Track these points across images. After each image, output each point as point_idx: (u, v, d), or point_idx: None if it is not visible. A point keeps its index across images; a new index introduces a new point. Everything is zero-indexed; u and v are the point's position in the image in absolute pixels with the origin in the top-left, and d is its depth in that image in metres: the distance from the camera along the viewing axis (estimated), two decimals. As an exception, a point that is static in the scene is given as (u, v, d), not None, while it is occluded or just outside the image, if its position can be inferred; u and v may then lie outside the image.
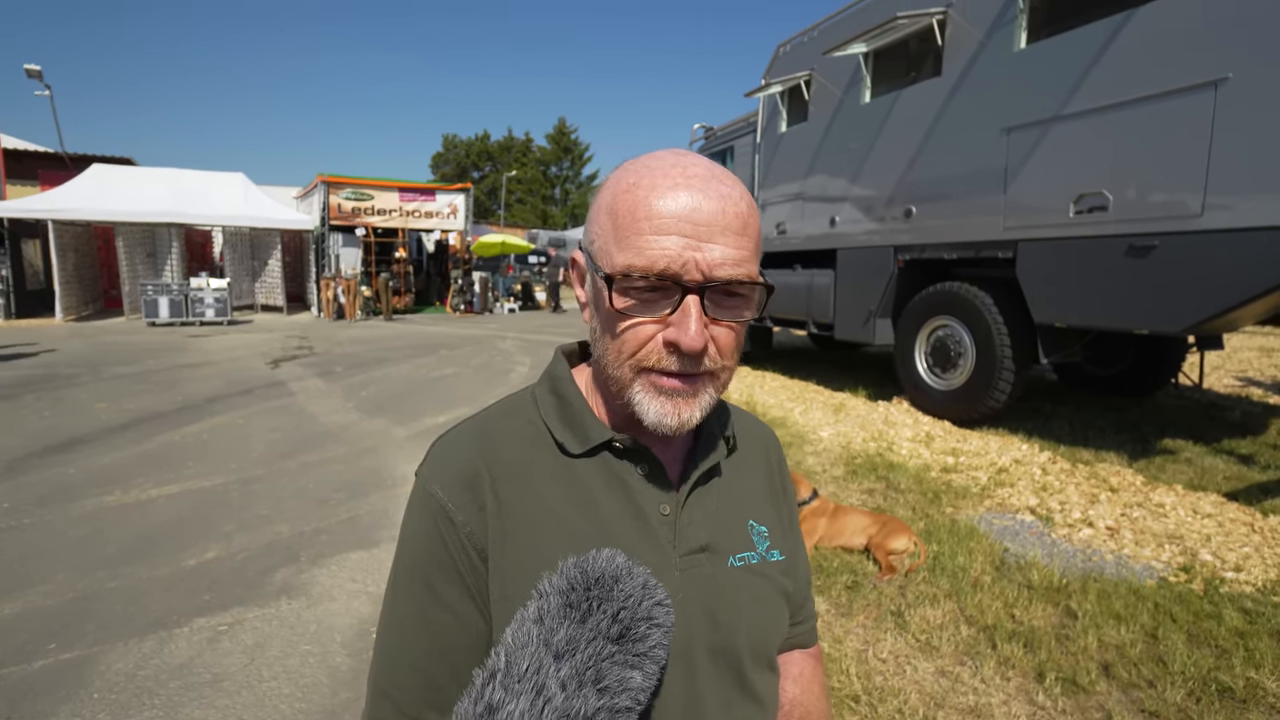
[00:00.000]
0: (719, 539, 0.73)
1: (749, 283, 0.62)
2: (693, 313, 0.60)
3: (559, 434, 0.71)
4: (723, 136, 9.33)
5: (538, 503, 0.67)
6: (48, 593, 2.83)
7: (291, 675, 2.30)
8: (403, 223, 18.02)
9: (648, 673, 0.53)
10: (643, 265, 0.60)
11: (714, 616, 0.69)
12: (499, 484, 0.67)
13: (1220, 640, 2.34)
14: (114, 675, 2.28)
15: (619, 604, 0.52)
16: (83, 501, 3.88)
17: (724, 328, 0.63)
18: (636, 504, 0.69)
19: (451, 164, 52.17)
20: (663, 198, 0.60)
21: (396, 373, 8.50)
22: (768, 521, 0.79)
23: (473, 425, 0.73)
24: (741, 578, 0.73)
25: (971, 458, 4.60)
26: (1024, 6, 4.78)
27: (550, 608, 0.52)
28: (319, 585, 2.94)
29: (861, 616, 2.61)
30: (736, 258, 0.61)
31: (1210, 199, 3.69)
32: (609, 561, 0.55)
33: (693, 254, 0.59)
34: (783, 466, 0.88)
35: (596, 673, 0.50)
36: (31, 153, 17.91)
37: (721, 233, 0.60)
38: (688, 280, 0.60)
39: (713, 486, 0.75)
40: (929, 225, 5.66)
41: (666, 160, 0.63)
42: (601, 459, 0.70)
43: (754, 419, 0.90)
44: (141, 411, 6.12)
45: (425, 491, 0.68)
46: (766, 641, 0.74)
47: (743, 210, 0.62)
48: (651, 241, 0.60)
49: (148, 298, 13.96)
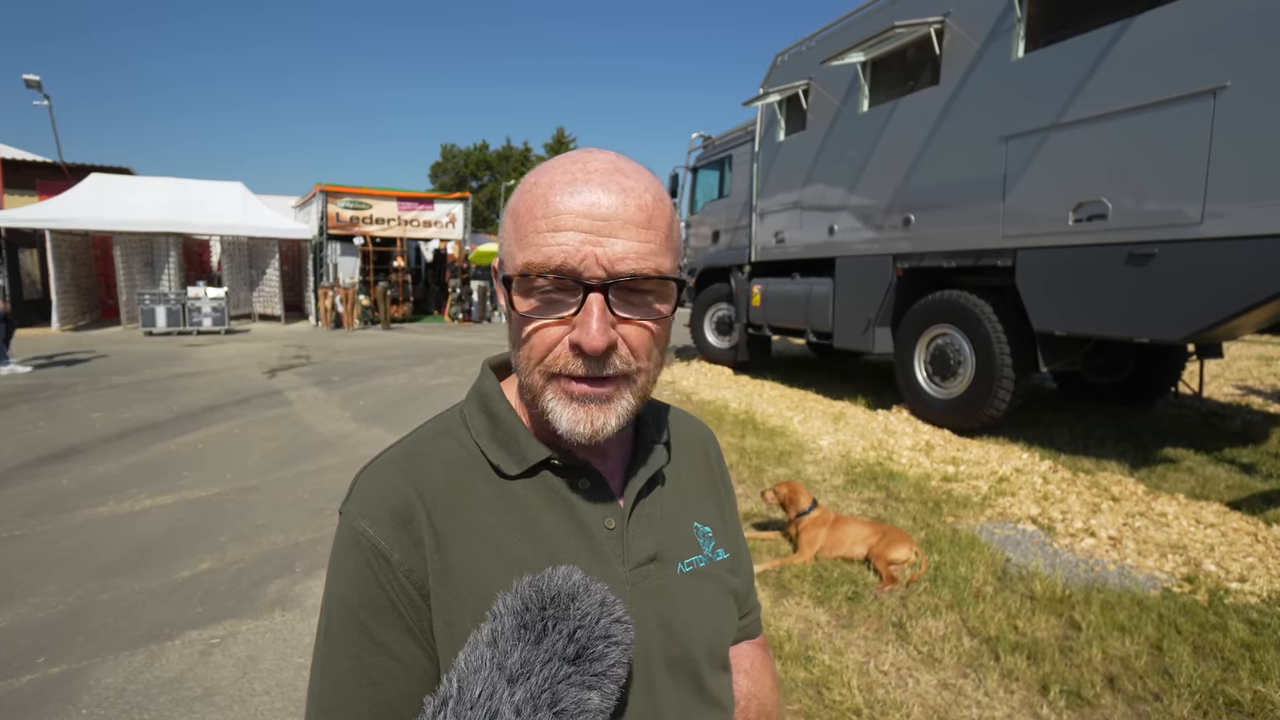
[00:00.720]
0: (666, 546, 0.71)
1: (656, 278, 0.59)
2: (594, 311, 0.57)
3: (493, 455, 0.67)
4: (721, 145, 9.35)
5: (477, 531, 0.64)
6: (38, 605, 2.79)
7: (284, 689, 2.27)
8: (401, 232, 18.02)
9: (606, 693, 0.51)
10: (539, 263, 0.57)
11: (669, 627, 0.68)
12: (434, 515, 0.63)
13: (1226, 652, 2.31)
14: (103, 690, 2.24)
15: (575, 623, 0.51)
16: (76, 512, 3.84)
17: (634, 326, 0.60)
18: (580, 521, 0.67)
19: (450, 173, 52.27)
20: (560, 194, 0.58)
21: (394, 382, 8.47)
22: (711, 521, 0.79)
23: (399, 452, 0.68)
24: (692, 583, 0.72)
25: (972, 467, 4.58)
26: (1021, 15, 4.79)
27: (504, 629, 0.50)
28: (313, 597, 2.91)
29: (863, 628, 2.58)
30: (640, 251, 0.58)
31: (1210, 207, 3.68)
32: (565, 579, 0.53)
33: (592, 249, 0.56)
34: (721, 463, 0.88)
35: (552, 695, 0.48)
36: (30, 162, 17.89)
37: (623, 226, 0.57)
38: (588, 277, 0.57)
39: (656, 494, 0.73)
40: (928, 233, 5.66)
41: (569, 157, 0.61)
42: (540, 478, 0.67)
43: (690, 417, 0.87)
44: (137, 421, 6.09)
45: (354, 530, 0.62)
46: (721, 645, 0.74)
47: (647, 202, 0.59)
48: (549, 239, 0.57)
49: (145, 307, 13.93)
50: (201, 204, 15.53)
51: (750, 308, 8.25)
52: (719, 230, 9.25)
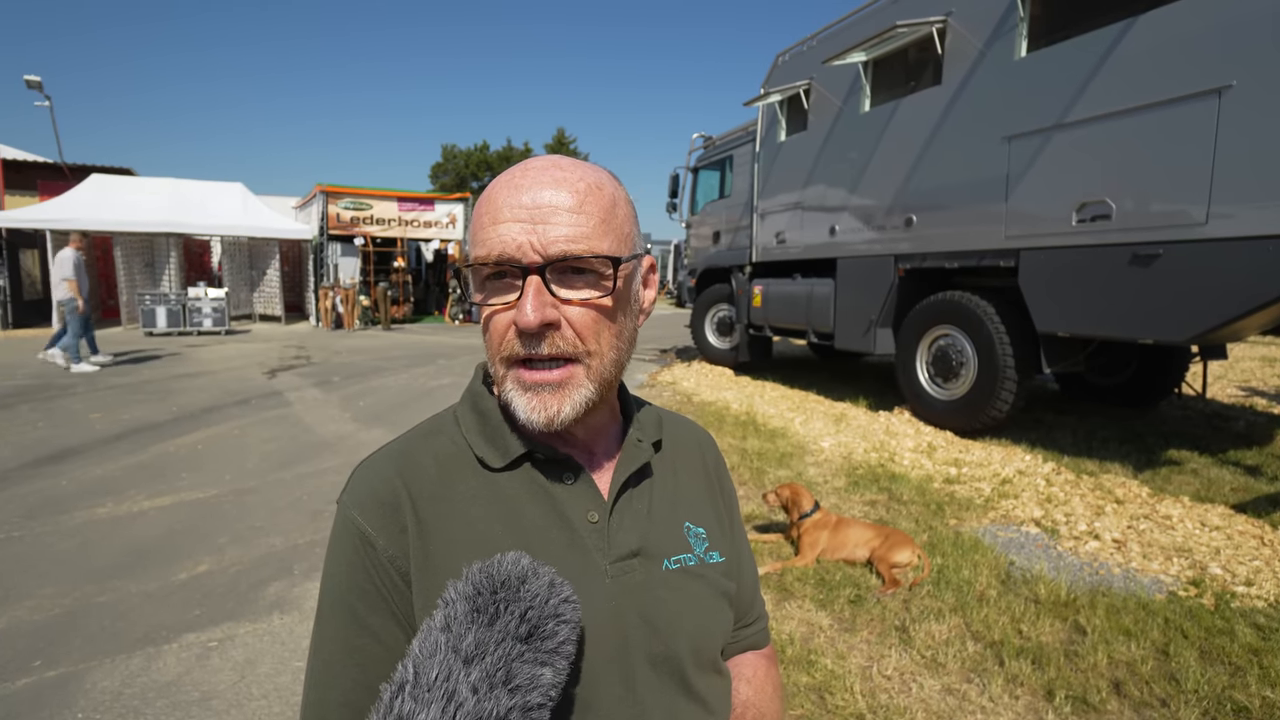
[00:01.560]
0: (651, 542, 0.72)
1: (592, 257, 0.62)
2: (530, 291, 0.61)
3: (479, 450, 0.70)
4: (722, 146, 9.33)
5: (460, 521, 0.67)
6: (34, 607, 2.77)
7: (282, 693, 2.24)
8: (401, 232, 17.99)
9: (558, 669, 0.53)
10: (483, 254, 0.63)
11: (651, 622, 0.68)
12: (419, 505, 0.66)
13: (1234, 657, 2.28)
14: (99, 693, 2.22)
15: (526, 604, 0.53)
16: (73, 513, 3.82)
17: (578, 307, 0.63)
18: (562, 513, 0.69)
19: (450, 174, 52.24)
20: (502, 192, 0.63)
21: (394, 382, 8.45)
22: (705, 523, 0.79)
23: (393, 448, 0.72)
24: (677, 580, 0.72)
25: (974, 469, 4.55)
26: (1024, 15, 4.77)
27: (457, 614, 0.52)
28: (312, 600, 2.88)
29: (865, 632, 2.56)
30: (573, 235, 0.62)
31: (1214, 208, 3.66)
32: (514, 564, 0.55)
33: (528, 237, 0.61)
34: (720, 468, 0.88)
35: (507, 673, 0.50)
36: (30, 163, 17.86)
37: (554, 212, 0.62)
38: (526, 262, 0.61)
39: (643, 488, 0.75)
40: (930, 234, 5.64)
41: (519, 164, 0.67)
42: (525, 471, 0.70)
43: (687, 421, 0.90)
44: (136, 422, 6.07)
45: (345, 518, 0.67)
46: (708, 644, 0.73)
47: (580, 189, 0.63)
48: (491, 233, 0.62)
49: (145, 307, 13.91)
50: (202, 205, 15.51)
51: (751, 308, 8.23)
52: (720, 231, 9.23)
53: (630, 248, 0.67)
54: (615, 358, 0.67)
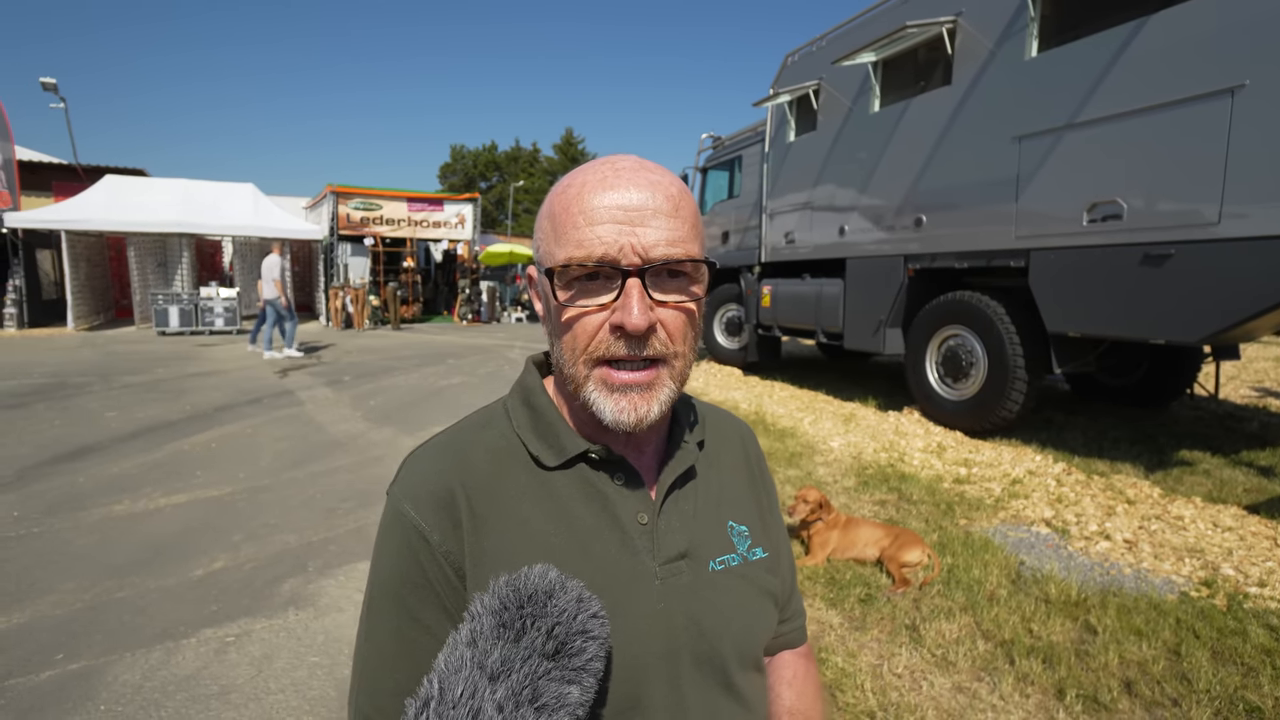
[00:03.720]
0: (698, 543, 0.72)
1: (688, 260, 0.63)
2: (634, 294, 0.61)
3: (533, 447, 0.70)
4: (731, 146, 9.34)
5: (513, 518, 0.67)
6: (56, 602, 2.82)
7: (299, 687, 2.28)
8: (411, 232, 18.09)
9: (585, 686, 0.52)
10: (581, 255, 0.62)
11: (698, 624, 0.68)
12: (474, 500, 0.66)
13: (1246, 658, 2.28)
14: (121, 687, 2.26)
15: (553, 619, 0.52)
16: (91, 510, 3.88)
17: (671, 310, 0.64)
18: (614, 514, 0.69)
19: (459, 174, 52.47)
20: (594, 192, 0.63)
21: (404, 382, 8.51)
22: (748, 520, 0.79)
23: (444, 440, 0.72)
24: (723, 581, 0.72)
25: (984, 469, 4.55)
26: (1035, 15, 4.76)
27: (483, 629, 0.52)
28: (327, 596, 2.92)
29: (875, 630, 2.57)
30: (671, 238, 0.62)
31: (1227, 207, 3.64)
32: (541, 577, 0.54)
33: (628, 239, 0.61)
34: (761, 461, 0.87)
35: (533, 691, 0.49)
36: (46, 164, 18.09)
37: (653, 215, 0.62)
38: (626, 264, 0.61)
39: (689, 489, 0.75)
40: (939, 234, 5.63)
41: (599, 161, 0.66)
42: (577, 470, 0.70)
43: (726, 414, 0.89)
44: (151, 420, 6.14)
45: (397, 511, 0.67)
46: (752, 644, 0.74)
47: (673, 194, 0.64)
48: (587, 233, 0.62)
49: (158, 307, 14.05)
50: (214, 205, 15.65)
51: (760, 308, 8.23)
52: (729, 231, 9.23)
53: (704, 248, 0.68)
54: (693, 359, 0.68)
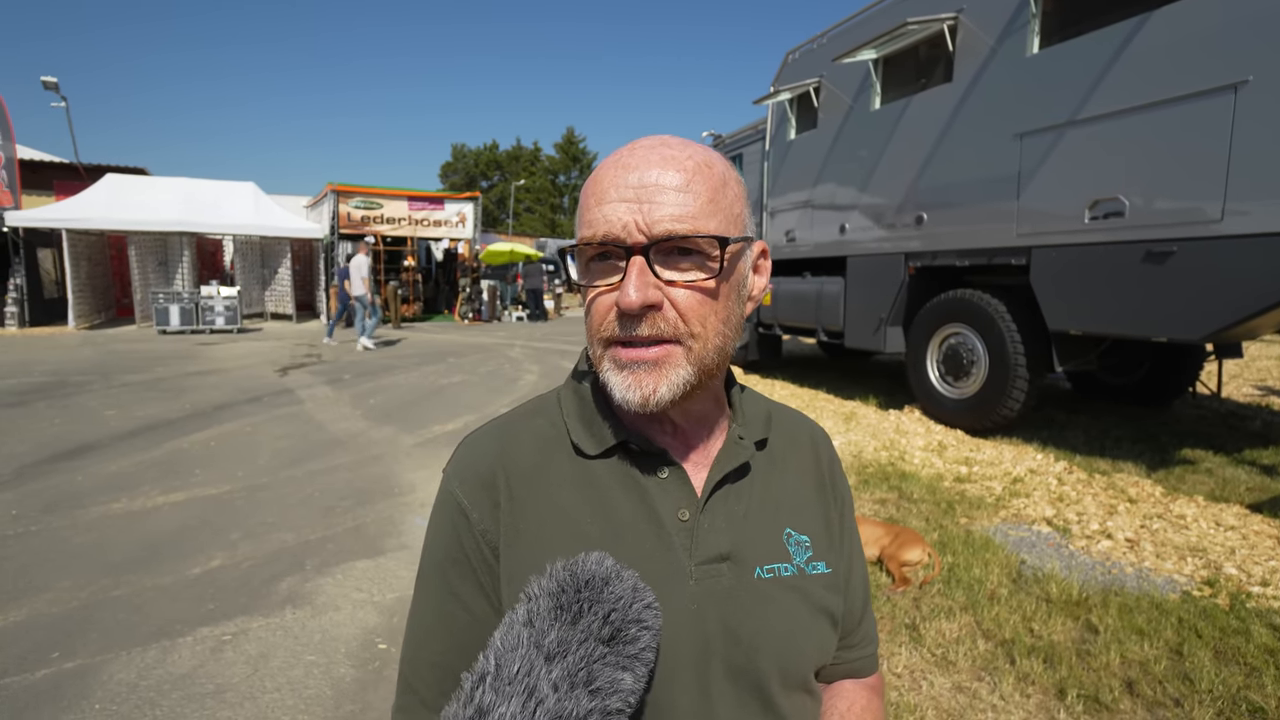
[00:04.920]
0: (744, 547, 0.67)
1: (696, 237, 0.60)
2: (633, 272, 0.59)
3: (576, 435, 0.70)
4: (731, 144, 9.32)
5: (551, 504, 0.67)
6: (52, 600, 2.81)
7: (295, 687, 2.27)
8: (412, 231, 18.07)
9: (638, 675, 0.52)
10: (588, 235, 0.62)
11: (734, 632, 0.64)
12: (514, 483, 0.67)
13: (1249, 658, 2.26)
14: (116, 685, 2.25)
15: (610, 606, 0.52)
16: (89, 509, 3.87)
17: (683, 288, 0.61)
18: (652, 508, 0.67)
19: (460, 173, 52.51)
20: (609, 172, 0.62)
21: (404, 381, 8.50)
22: (811, 530, 0.73)
23: (496, 425, 0.74)
24: (769, 590, 0.67)
25: (985, 467, 4.53)
26: (1036, 11, 4.74)
27: (540, 610, 0.52)
28: (324, 595, 2.91)
29: (876, 630, 2.55)
30: (679, 214, 0.60)
31: (1230, 204, 3.62)
32: (598, 564, 0.54)
33: (633, 216, 0.60)
34: (835, 467, 0.80)
35: (588, 674, 0.49)
36: (47, 163, 18.10)
37: (660, 191, 0.60)
38: (630, 242, 0.60)
39: (741, 489, 0.70)
40: (940, 232, 5.61)
41: (628, 144, 0.65)
42: (618, 460, 0.69)
43: (799, 415, 0.83)
44: (150, 419, 6.13)
45: (446, 490, 0.70)
46: (798, 663, 0.68)
47: (689, 167, 0.61)
48: (597, 213, 0.61)
49: (159, 306, 14.05)
50: (215, 204, 15.65)
51: (761, 307, 8.21)
52: (729, 229, 9.21)
53: (740, 229, 0.65)
54: (720, 344, 0.64)
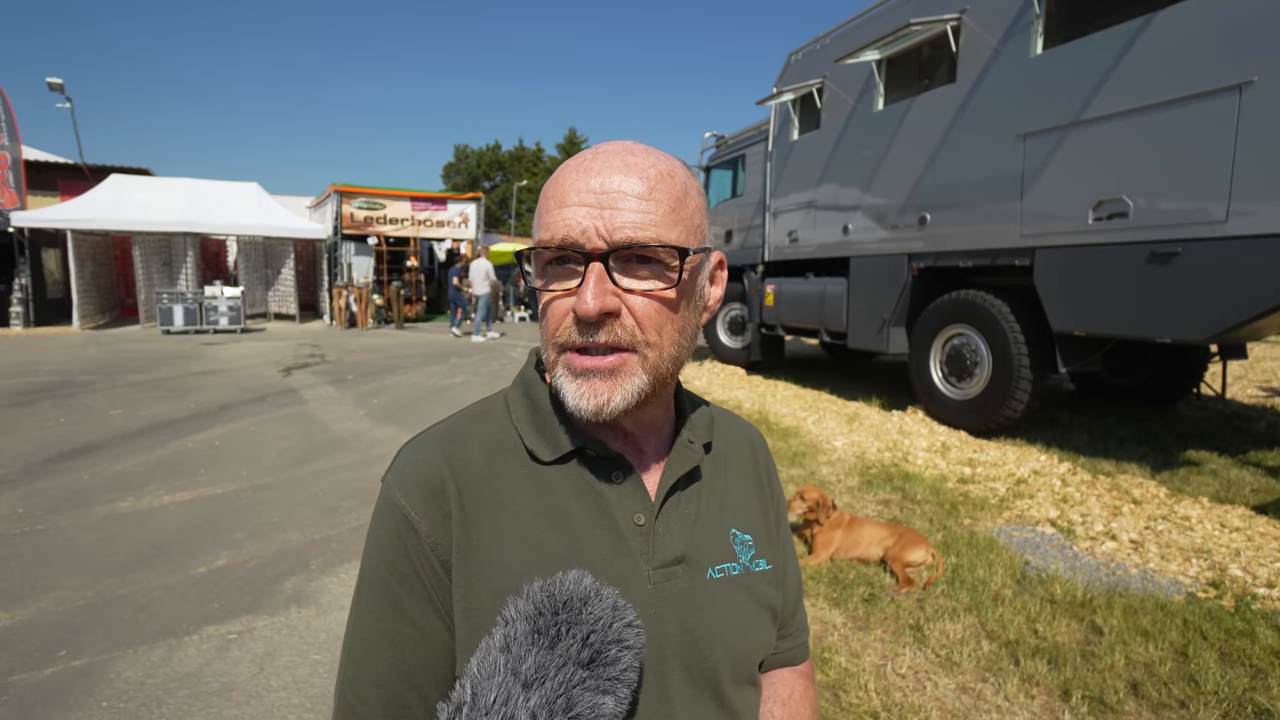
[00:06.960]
0: (697, 549, 0.69)
1: (657, 246, 0.60)
2: (591, 278, 0.59)
3: (529, 440, 0.68)
4: (734, 145, 9.32)
5: (505, 512, 0.65)
6: (59, 599, 2.82)
7: (300, 685, 2.28)
8: (414, 232, 18.09)
9: (619, 697, 0.51)
10: (546, 238, 0.61)
11: (690, 632, 0.66)
12: (465, 493, 0.65)
13: (1255, 659, 2.26)
14: (123, 684, 2.26)
15: (589, 627, 0.51)
16: (95, 508, 3.88)
17: (641, 296, 0.61)
18: (608, 513, 0.66)
19: (463, 174, 52.53)
20: (570, 175, 0.62)
21: (408, 381, 8.51)
22: (753, 528, 0.75)
23: (441, 431, 0.71)
24: (721, 590, 0.69)
25: (989, 468, 4.52)
26: (1040, 12, 4.73)
27: (517, 634, 0.50)
28: (329, 594, 2.92)
29: (879, 630, 2.55)
30: (640, 221, 0.59)
31: (1235, 205, 3.62)
32: (576, 583, 0.53)
33: (594, 221, 0.59)
34: (770, 469, 0.84)
35: (567, 700, 0.48)
36: (52, 164, 18.16)
37: (622, 198, 0.59)
38: (590, 248, 0.59)
39: (691, 492, 0.72)
40: (944, 233, 5.60)
41: (590, 148, 0.65)
42: (573, 466, 0.68)
43: (736, 418, 0.85)
44: (155, 418, 6.15)
45: (389, 499, 0.66)
46: (747, 658, 0.71)
47: (651, 175, 0.61)
48: (556, 216, 0.61)
49: (163, 306, 14.08)
50: (218, 204, 15.68)
51: (764, 308, 8.21)
52: (732, 230, 9.22)
53: (700, 240, 0.65)
54: (675, 353, 0.64)
